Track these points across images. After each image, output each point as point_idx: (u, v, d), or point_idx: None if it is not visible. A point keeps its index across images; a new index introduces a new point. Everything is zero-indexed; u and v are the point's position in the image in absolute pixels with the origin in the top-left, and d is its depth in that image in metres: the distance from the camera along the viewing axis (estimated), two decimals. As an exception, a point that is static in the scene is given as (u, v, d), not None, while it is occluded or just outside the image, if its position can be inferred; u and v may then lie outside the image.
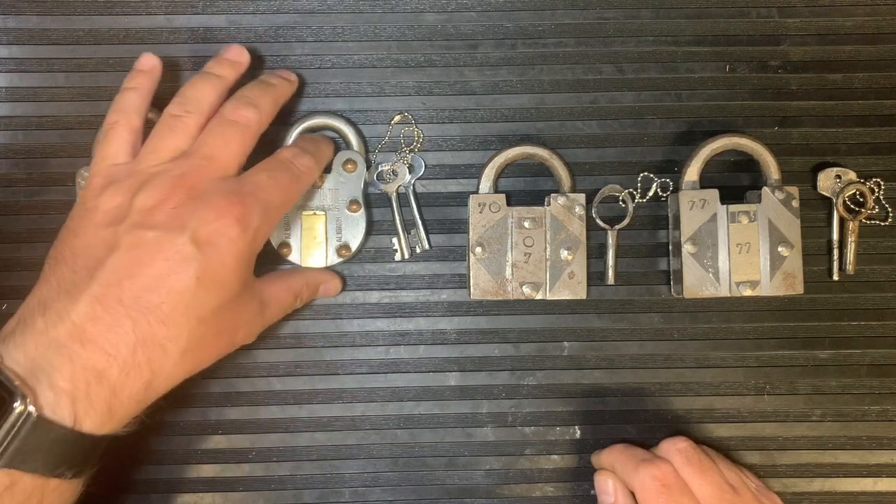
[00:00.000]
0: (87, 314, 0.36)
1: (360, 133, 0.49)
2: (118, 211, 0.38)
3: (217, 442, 0.48)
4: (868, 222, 0.49)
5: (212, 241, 0.38)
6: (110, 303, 0.36)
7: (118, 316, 0.36)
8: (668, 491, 0.42)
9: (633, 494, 0.44)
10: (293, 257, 0.47)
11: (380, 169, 0.49)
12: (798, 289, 0.47)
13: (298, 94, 0.49)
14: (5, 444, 0.34)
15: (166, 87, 0.49)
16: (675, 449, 0.44)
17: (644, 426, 0.49)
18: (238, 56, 0.45)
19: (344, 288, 0.49)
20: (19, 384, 0.34)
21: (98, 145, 0.43)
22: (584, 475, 0.49)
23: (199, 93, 0.43)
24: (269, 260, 0.49)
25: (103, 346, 0.36)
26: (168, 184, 0.39)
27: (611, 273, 0.49)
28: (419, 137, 0.49)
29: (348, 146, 0.48)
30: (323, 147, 0.46)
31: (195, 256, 0.37)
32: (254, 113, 0.42)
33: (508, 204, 0.48)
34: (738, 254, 0.47)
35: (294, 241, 0.47)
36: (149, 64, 0.44)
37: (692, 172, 0.48)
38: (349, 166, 0.48)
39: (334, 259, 0.48)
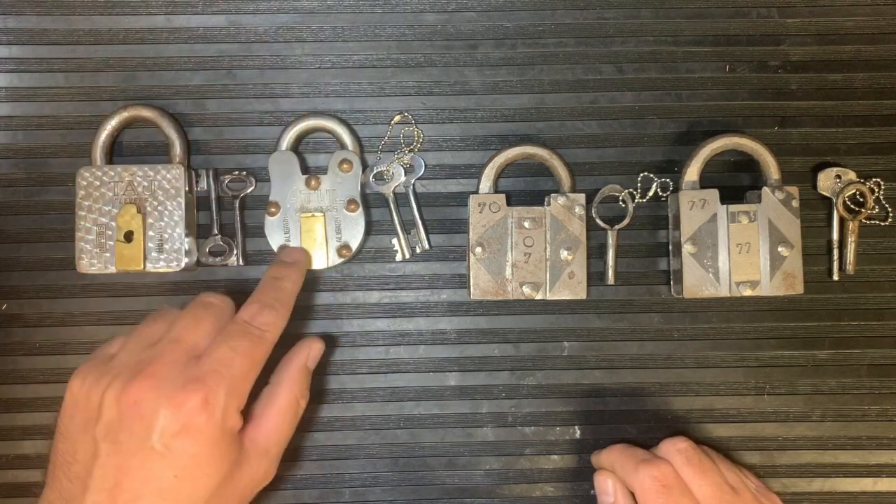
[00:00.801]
0: None
1: (353, 133, 0.49)
2: (94, 409, 0.38)
3: (217, 442, 0.48)
4: (868, 222, 0.49)
5: (179, 437, 0.37)
6: None
7: None
8: (668, 491, 0.42)
9: (632, 495, 0.44)
10: (293, 257, 0.47)
11: (376, 170, 0.49)
12: (798, 289, 0.47)
13: (298, 94, 0.49)
14: None
15: (166, 87, 0.49)
16: (675, 449, 0.44)
17: (644, 426, 0.49)
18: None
19: (324, 343, 0.46)
20: None
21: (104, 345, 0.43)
22: (584, 475, 0.49)
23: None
24: (272, 261, 0.49)
25: None
26: (132, 375, 0.38)
27: (611, 273, 0.49)
28: (419, 137, 0.49)
29: (343, 146, 0.48)
30: (286, 286, 0.44)
31: (167, 456, 0.37)
32: (225, 298, 0.43)
33: (508, 204, 0.48)
34: (738, 254, 0.47)
35: (294, 244, 0.47)
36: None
37: (692, 172, 0.48)
38: (345, 166, 0.48)
39: (335, 260, 0.48)
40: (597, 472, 0.46)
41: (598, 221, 0.48)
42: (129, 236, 0.46)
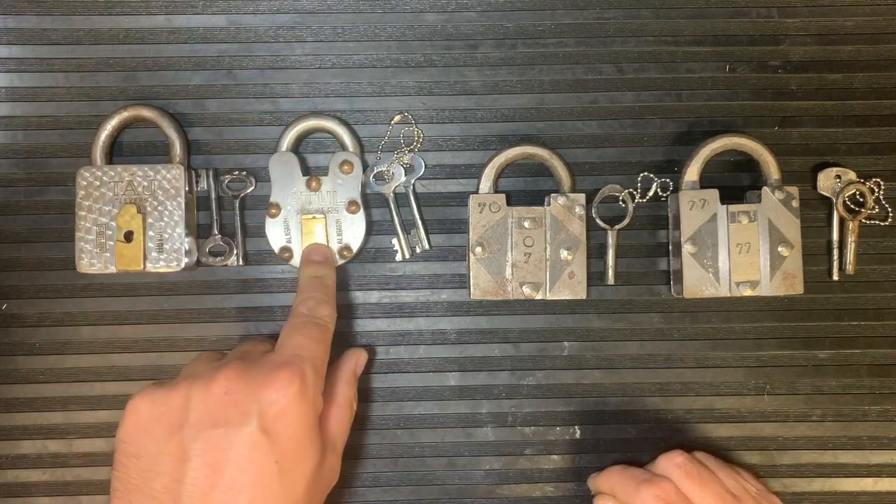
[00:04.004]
0: None
1: (354, 134, 0.49)
2: (176, 415, 0.37)
3: (217, 442, 0.48)
4: (868, 222, 0.49)
5: (279, 419, 0.37)
6: None
7: None
8: None
9: None
10: (295, 261, 0.47)
11: (376, 170, 0.49)
12: (798, 289, 0.47)
13: (298, 94, 0.49)
14: None
15: (166, 87, 0.49)
16: (674, 464, 0.44)
17: (644, 426, 0.49)
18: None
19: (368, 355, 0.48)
20: None
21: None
22: (584, 475, 0.49)
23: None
24: (272, 261, 0.49)
25: None
26: (213, 374, 0.38)
27: (611, 273, 0.49)
28: (419, 137, 0.49)
29: (343, 147, 0.48)
30: (328, 283, 0.45)
31: (267, 442, 0.36)
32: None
33: (508, 204, 0.48)
34: (738, 254, 0.47)
35: (295, 246, 0.47)
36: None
37: (692, 172, 0.48)
38: (345, 167, 0.48)
39: (336, 261, 0.48)
40: (596, 498, 0.46)
41: (598, 221, 0.48)
42: (129, 236, 0.46)
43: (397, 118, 0.49)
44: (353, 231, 0.48)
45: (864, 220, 0.49)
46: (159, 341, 0.49)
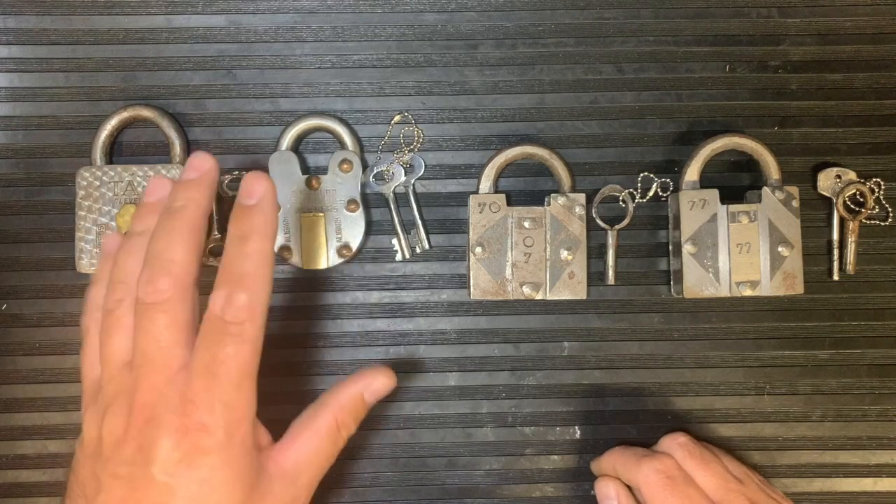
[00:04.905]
0: None
1: (354, 133, 0.49)
2: (95, 443, 0.36)
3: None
4: (868, 222, 0.49)
5: (184, 464, 0.34)
6: None
7: None
8: (673, 483, 0.42)
9: (636, 498, 0.44)
10: (294, 260, 0.47)
11: (376, 170, 0.49)
12: (798, 289, 0.47)
13: (298, 94, 0.49)
14: None
15: (166, 87, 0.49)
16: (676, 443, 0.44)
17: (644, 426, 0.49)
18: (158, 193, 0.39)
19: (395, 379, 0.41)
20: None
21: (80, 356, 0.39)
22: (584, 475, 0.49)
23: (125, 269, 0.38)
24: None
25: None
26: (123, 408, 0.35)
27: (611, 273, 0.49)
28: (419, 137, 0.49)
29: (343, 146, 0.48)
30: (253, 245, 0.36)
31: (173, 486, 0.34)
32: (167, 281, 0.35)
33: (508, 204, 0.48)
34: (738, 254, 0.47)
35: (294, 244, 0.47)
36: (111, 245, 0.39)
37: (692, 172, 0.48)
38: (345, 166, 0.48)
39: (335, 260, 0.48)
40: (598, 479, 0.46)
41: (598, 221, 0.48)
42: (129, 236, 0.46)
43: (397, 118, 0.49)
44: (353, 230, 0.48)
45: (864, 220, 0.49)
46: (159, 341, 0.48)
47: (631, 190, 0.49)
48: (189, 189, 0.37)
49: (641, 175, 0.49)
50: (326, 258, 0.48)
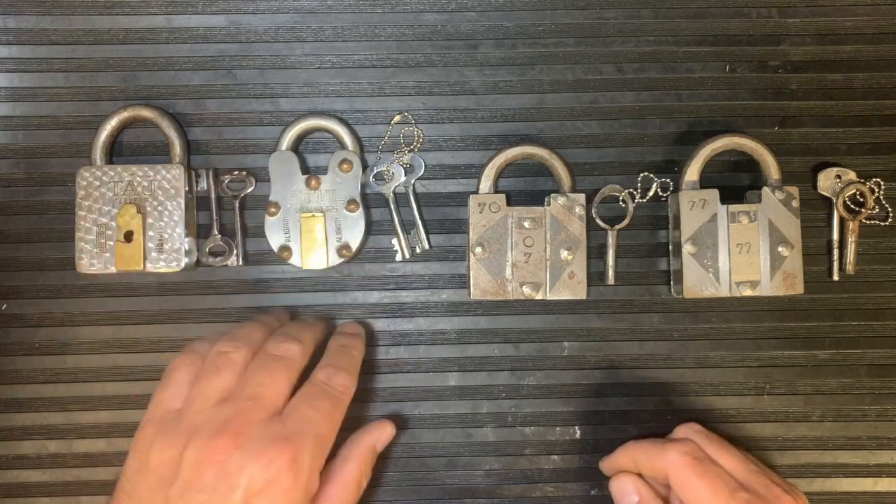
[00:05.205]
0: None
1: (353, 133, 0.49)
2: (169, 468, 0.37)
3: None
4: (868, 222, 0.49)
5: (265, 492, 0.37)
6: None
7: None
8: (702, 463, 0.42)
9: (655, 491, 0.44)
10: (294, 260, 0.47)
11: (376, 170, 0.49)
12: (798, 289, 0.47)
13: (298, 94, 0.49)
14: None
15: (166, 87, 0.49)
16: (693, 431, 0.45)
17: (644, 426, 0.49)
18: (281, 316, 0.47)
19: (395, 427, 0.46)
20: None
21: (158, 387, 0.42)
22: (584, 475, 0.49)
23: (248, 332, 0.43)
24: (272, 261, 0.49)
25: None
26: (214, 433, 0.37)
27: (611, 273, 0.48)
28: (419, 137, 0.49)
29: (343, 146, 0.48)
30: (354, 353, 0.45)
31: None
32: (296, 346, 0.42)
33: (508, 204, 0.48)
34: (738, 254, 0.47)
35: (294, 244, 0.47)
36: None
37: (692, 172, 0.48)
38: (345, 166, 0.48)
39: (335, 259, 0.48)
40: (613, 477, 0.46)
41: (598, 221, 0.48)
42: (129, 236, 0.46)
43: (397, 118, 0.49)
44: (353, 230, 0.48)
45: (864, 220, 0.49)
46: (159, 341, 0.49)
47: (631, 190, 0.49)
48: (325, 322, 0.48)
49: (641, 175, 0.49)
50: (326, 258, 0.48)
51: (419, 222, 0.49)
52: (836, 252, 0.49)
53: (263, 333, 0.43)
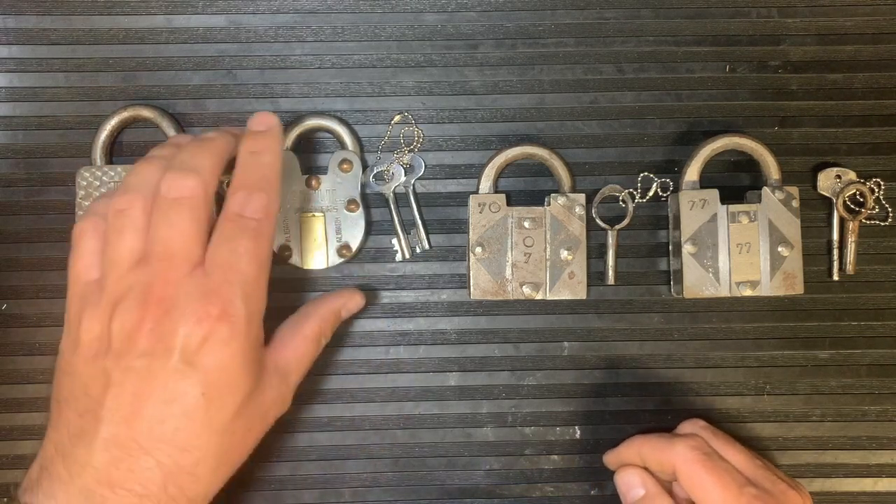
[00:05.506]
0: (107, 459, 0.35)
1: (354, 132, 0.49)
2: (100, 342, 0.36)
3: (217, 442, 0.48)
4: (868, 222, 0.49)
5: (205, 350, 0.36)
6: (125, 443, 0.35)
7: (138, 455, 0.35)
8: (710, 458, 0.42)
9: (660, 484, 0.44)
10: (294, 260, 0.47)
11: (376, 170, 0.49)
12: (798, 289, 0.47)
13: (298, 94, 0.49)
14: None
15: (166, 87, 0.49)
16: (699, 427, 0.45)
17: (644, 426, 0.49)
18: (179, 138, 0.41)
19: (366, 300, 0.46)
20: None
21: (70, 259, 0.40)
22: (584, 475, 0.49)
23: (141, 177, 0.39)
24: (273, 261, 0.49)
25: (133, 489, 0.35)
26: (138, 302, 0.36)
27: (611, 273, 0.49)
28: (419, 137, 0.49)
29: (343, 146, 0.48)
30: (267, 159, 0.40)
31: (192, 374, 0.36)
32: (193, 179, 0.37)
33: (508, 204, 0.48)
34: (738, 254, 0.47)
35: (294, 244, 0.47)
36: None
37: (692, 172, 0.48)
38: (345, 166, 0.48)
39: (335, 259, 0.48)
40: (619, 471, 0.46)
41: (598, 221, 0.48)
42: (129, 236, 0.46)
43: (397, 118, 0.49)
44: (353, 230, 0.48)
45: (864, 220, 0.49)
46: (159, 341, 0.48)
47: (631, 190, 0.49)
48: (231, 132, 0.41)
49: (641, 175, 0.49)
50: (326, 258, 0.48)
51: (419, 222, 0.49)
52: (836, 252, 0.49)
53: (159, 171, 0.38)
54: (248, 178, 0.39)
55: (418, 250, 0.49)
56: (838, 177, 0.49)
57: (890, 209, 0.49)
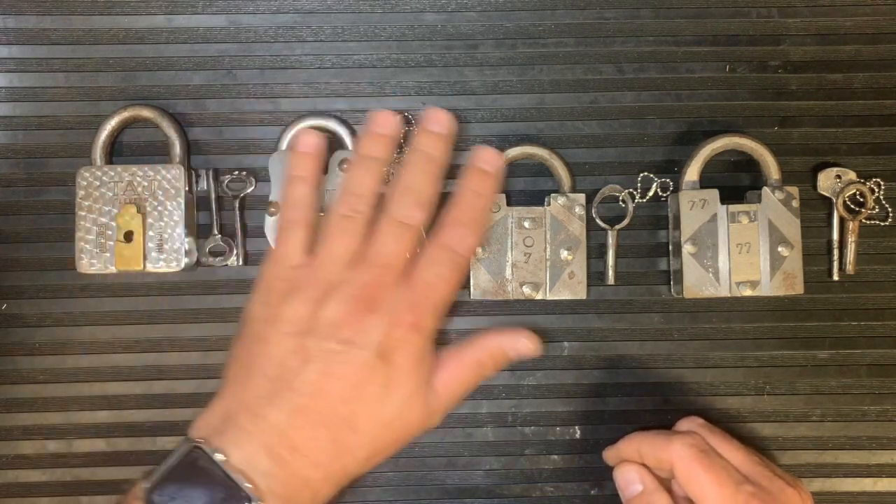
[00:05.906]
0: (292, 423, 0.38)
1: (354, 133, 0.49)
2: (306, 322, 0.40)
3: (217, 442, 0.48)
4: (868, 222, 0.49)
5: (395, 351, 0.40)
6: (310, 413, 0.39)
7: (317, 425, 0.39)
8: (707, 455, 0.42)
9: (659, 480, 0.44)
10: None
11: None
12: (798, 289, 0.47)
13: (298, 94, 0.49)
14: None
15: (166, 87, 0.49)
16: (696, 424, 0.46)
17: (644, 427, 0.49)
18: (387, 128, 0.44)
19: (539, 350, 0.44)
20: (252, 488, 0.36)
21: (275, 243, 0.44)
22: (584, 475, 0.49)
23: (362, 187, 0.43)
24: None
25: (308, 455, 0.38)
26: (350, 297, 0.40)
27: (611, 273, 0.49)
28: (419, 137, 0.49)
29: (343, 146, 0.48)
30: (484, 202, 0.44)
31: (381, 367, 0.39)
32: (421, 214, 0.42)
33: (508, 204, 0.48)
34: (738, 254, 0.47)
35: (294, 242, 0.47)
36: (312, 144, 0.44)
37: (692, 172, 0.48)
38: (345, 166, 0.48)
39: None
40: (617, 466, 0.46)
41: (598, 221, 0.48)
42: (128, 236, 0.46)
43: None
44: (353, 231, 0.48)
45: (864, 220, 0.49)
46: (159, 341, 0.49)
47: (631, 190, 0.49)
48: (441, 142, 0.43)
49: (641, 175, 0.49)
50: (326, 258, 0.48)
51: (419, 222, 0.49)
52: (836, 252, 0.49)
53: (376, 180, 0.43)
54: (468, 216, 0.43)
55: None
56: (838, 177, 0.49)
57: (890, 209, 0.49)
